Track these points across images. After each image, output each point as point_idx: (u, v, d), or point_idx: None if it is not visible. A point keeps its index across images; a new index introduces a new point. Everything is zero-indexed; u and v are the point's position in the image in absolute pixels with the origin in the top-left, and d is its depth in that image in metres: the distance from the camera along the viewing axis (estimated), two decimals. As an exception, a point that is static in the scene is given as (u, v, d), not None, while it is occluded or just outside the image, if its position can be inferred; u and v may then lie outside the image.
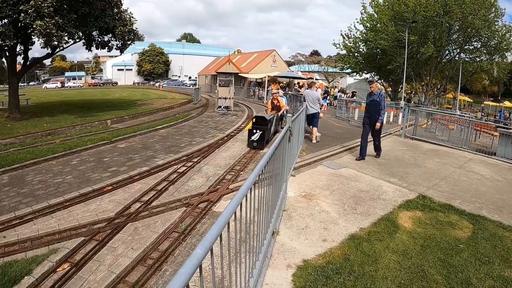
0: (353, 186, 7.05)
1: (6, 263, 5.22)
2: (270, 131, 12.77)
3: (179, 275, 1.45)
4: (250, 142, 11.69)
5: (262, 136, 11.47)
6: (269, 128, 12.38)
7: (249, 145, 11.77)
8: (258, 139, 11.48)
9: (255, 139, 11.49)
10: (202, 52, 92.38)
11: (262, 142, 11.49)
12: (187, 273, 1.48)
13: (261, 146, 11.49)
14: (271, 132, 13.07)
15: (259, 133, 11.46)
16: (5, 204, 7.78)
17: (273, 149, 3.95)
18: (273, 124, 13.23)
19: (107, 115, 22.53)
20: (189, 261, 1.56)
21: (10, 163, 10.82)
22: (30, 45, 22.83)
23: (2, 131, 17.37)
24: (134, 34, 24.36)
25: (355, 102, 21.75)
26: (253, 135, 11.53)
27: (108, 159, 10.98)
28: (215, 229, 1.89)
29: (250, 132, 11.68)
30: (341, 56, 33.82)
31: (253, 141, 11.55)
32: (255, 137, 11.49)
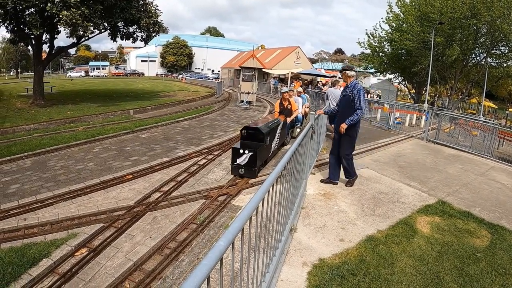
0: (373, 187, 6.98)
1: (26, 245, 5.36)
2: (270, 149, 9.14)
3: (201, 266, 1.46)
4: (234, 167, 8.02)
5: (253, 159, 7.73)
6: (267, 146, 8.67)
7: (233, 172, 8.17)
8: (247, 164, 7.78)
9: (241, 163, 7.79)
10: (226, 46, 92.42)
11: (253, 168, 7.82)
12: (209, 265, 1.49)
13: (251, 174, 7.87)
14: (273, 149, 9.41)
15: (248, 155, 7.69)
16: (27, 187, 7.98)
17: (295, 146, 3.95)
18: (276, 137, 9.57)
19: (129, 105, 22.83)
20: (211, 253, 1.57)
21: (33, 148, 11.08)
22: (56, 34, 23.32)
23: (26, 117, 17.79)
24: (159, 26, 24.58)
25: (378, 103, 21.50)
26: (239, 156, 7.82)
27: (130, 148, 11.14)
28: (238, 222, 1.90)
29: (235, 152, 7.96)
30: (365, 55, 33.41)
31: (238, 166, 7.89)
32: (242, 160, 7.79)
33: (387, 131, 15.80)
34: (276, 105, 11.69)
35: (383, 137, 13.71)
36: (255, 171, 7.88)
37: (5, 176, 8.85)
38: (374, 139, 12.81)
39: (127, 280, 4.53)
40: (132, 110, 20.81)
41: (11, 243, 5.51)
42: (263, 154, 8.38)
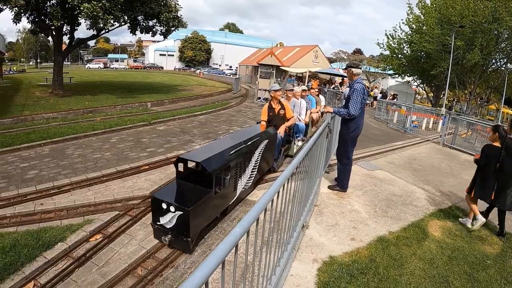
0: (386, 189, 6.97)
1: (42, 229, 5.51)
2: (230, 196, 5.77)
3: (217, 251, 1.51)
4: (156, 229, 4.92)
5: (184, 224, 4.58)
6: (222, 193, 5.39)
7: (155, 236, 5.06)
8: (175, 228, 4.70)
9: (166, 225, 4.74)
10: (244, 42, 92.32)
11: (185, 239, 4.65)
12: (225, 249, 1.55)
13: (183, 247, 4.84)
14: (239, 192, 6.08)
15: (176, 216, 4.62)
16: (45, 174, 8.17)
17: (310, 144, 3.99)
18: (249, 168, 6.39)
19: (147, 97, 23.09)
20: (227, 238, 1.62)
21: (51, 136, 11.32)
22: (76, 26, 23.65)
23: (45, 105, 18.13)
24: (178, 21, 24.73)
25: (395, 105, 21.33)
26: (162, 214, 4.75)
27: (147, 140, 11.30)
28: (254, 212, 1.96)
29: (156, 205, 4.84)
30: (384, 56, 33.10)
31: (162, 229, 4.80)
32: (166, 221, 4.72)
33: (403, 134, 15.68)
34: (263, 111, 8.11)
35: (399, 140, 13.62)
36: (189, 243, 4.67)
37: (24, 162, 9.08)
38: (389, 141, 12.74)
39: (139, 266, 4.63)
40: (150, 102, 21.05)
41: (27, 227, 5.68)
42: (208, 212, 5.07)
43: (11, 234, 5.41)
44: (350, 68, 6.01)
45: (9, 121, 14.41)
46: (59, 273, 4.56)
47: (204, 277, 1.35)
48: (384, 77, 50.29)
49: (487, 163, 5.29)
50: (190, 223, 4.57)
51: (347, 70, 6.14)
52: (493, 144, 5.36)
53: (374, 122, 19.57)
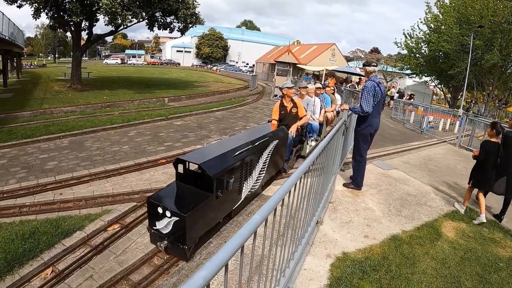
0: (401, 188, 6.96)
1: (61, 218, 5.69)
2: (234, 200, 5.48)
3: (237, 236, 1.57)
4: (153, 233, 4.66)
5: (180, 230, 4.34)
6: (224, 197, 5.03)
7: (152, 240, 4.78)
8: (172, 235, 4.44)
9: (163, 231, 4.48)
10: (261, 40, 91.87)
11: (182, 246, 4.37)
12: (244, 234, 1.61)
13: (181, 254, 4.55)
14: (245, 195, 5.74)
15: (172, 222, 4.38)
16: (64, 165, 8.37)
17: (326, 141, 4.01)
18: (256, 170, 6.03)
19: (164, 93, 23.28)
20: (247, 224, 1.69)
21: (70, 128, 11.57)
22: (95, 22, 24.00)
23: (63, 99, 18.45)
24: (196, 18, 24.85)
25: (412, 105, 21.13)
26: (159, 218, 4.51)
27: (164, 134, 11.47)
28: (272, 201, 2.02)
29: (152, 209, 4.59)
30: (402, 56, 32.64)
31: (159, 234, 4.54)
32: (162, 226, 4.49)
33: (420, 135, 15.54)
34: (275, 109, 7.78)
35: (415, 140, 13.52)
36: (186, 251, 4.40)
37: (43, 153, 9.30)
38: (405, 141, 12.67)
39: (156, 256, 4.75)
40: (167, 98, 21.26)
41: (46, 215, 5.86)
42: (208, 217, 4.75)
43: (31, 222, 5.60)
44: (364, 67, 6.19)
45: (28, 114, 14.74)
46: (77, 260, 4.71)
47: (224, 260, 1.41)
48: (401, 77, 49.63)
49: (485, 157, 5.70)
50: (187, 230, 4.28)
51: (365, 68, 6.22)
52: (490, 140, 5.80)
53: (391, 122, 19.43)
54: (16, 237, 5.17)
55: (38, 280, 4.56)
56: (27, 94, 20.29)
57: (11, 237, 5.17)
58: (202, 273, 1.28)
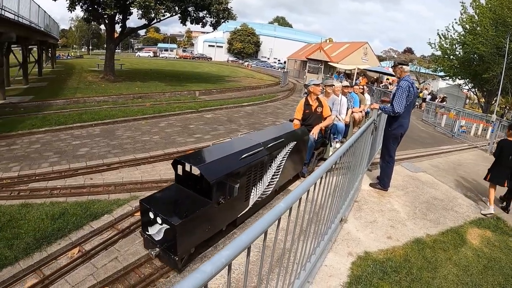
0: (428, 192, 6.84)
1: (90, 201, 5.92)
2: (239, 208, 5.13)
3: (262, 220, 1.62)
4: (146, 238, 4.42)
5: (172, 239, 4.01)
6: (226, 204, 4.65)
7: (145, 245, 4.61)
8: (163, 242, 4.16)
9: (155, 238, 4.23)
10: (293, 36, 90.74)
11: (172, 256, 4.08)
12: (268, 219, 1.66)
13: (172, 263, 4.28)
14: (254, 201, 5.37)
15: (164, 229, 4.09)
16: (95, 151, 8.66)
17: (354, 139, 3.96)
18: (268, 175, 5.61)
19: (196, 86, 23.64)
20: (272, 211, 1.73)
21: (102, 117, 11.93)
22: (128, 16, 24.46)
23: (96, 90, 19.01)
24: (228, 13, 24.99)
25: (444, 108, 20.64)
26: (151, 223, 4.24)
27: (194, 126, 11.68)
28: (297, 192, 2.05)
29: (143, 212, 4.36)
30: (435, 57, 31.75)
31: (151, 240, 4.29)
32: (154, 232, 4.23)
33: (450, 139, 15.21)
34: (298, 108, 7.30)
35: (446, 144, 13.25)
36: (177, 262, 4.15)
37: (75, 140, 9.64)
38: (435, 145, 12.44)
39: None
40: (198, 91, 21.58)
41: (76, 198, 6.12)
42: (205, 226, 4.43)
43: (61, 204, 5.85)
44: (399, 65, 5.95)
45: (62, 102, 15.28)
46: (103, 242, 4.89)
47: (247, 243, 1.46)
48: (434, 79, 48.40)
49: (500, 154, 6.07)
50: (178, 240, 3.94)
51: (395, 68, 6.05)
52: (508, 139, 6.14)
53: (422, 124, 19.07)
54: (46, 217, 5.43)
55: (64, 258, 4.78)
56: (61, 83, 20.99)
57: (41, 216, 5.44)
58: (225, 252, 1.32)
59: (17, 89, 19.34)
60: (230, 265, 1.40)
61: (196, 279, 1.15)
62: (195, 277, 1.15)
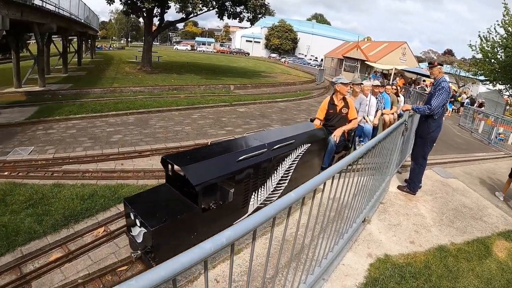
0: (458, 199, 6.65)
1: (119, 185, 6.17)
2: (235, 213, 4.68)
3: (270, 207, 1.67)
4: (130, 238, 4.19)
5: (149, 244, 3.81)
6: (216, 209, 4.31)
7: (131, 245, 4.30)
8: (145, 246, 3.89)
9: (137, 240, 3.99)
10: (331, 34, 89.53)
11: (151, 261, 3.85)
12: (276, 207, 1.71)
13: (149, 266, 3.90)
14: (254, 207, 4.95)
15: (143, 232, 3.84)
16: (128, 139, 8.95)
17: (375, 141, 3.83)
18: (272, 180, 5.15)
19: (231, 80, 23.89)
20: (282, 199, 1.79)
21: (137, 107, 12.29)
22: (166, 9, 25.03)
23: (133, 80, 19.54)
24: (265, 9, 25.07)
25: (482, 113, 19.94)
26: (133, 224, 4.03)
27: (226, 119, 11.86)
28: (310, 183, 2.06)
29: (126, 212, 4.18)
30: (476, 60, 30.43)
31: (134, 241, 4.05)
32: (136, 233, 3.99)
33: (487, 146, 14.73)
34: (322, 107, 6.80)
35: (481, 151, 12.85)
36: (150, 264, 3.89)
37: (110, 127, 9.99)
38: (470, 151, 12.09)
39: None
40: (233, 85, 21.81)
41: (106, 181, 6.39)
42: (190, 233, 4.10)
43: (91, 186, 6.13)
44: (440, 66, 5.78)
45: (99, 91, 15.84)
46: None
47: (249, 227, 1.49)
48: (474, 83, 46.59)
49: None
50: (154, 245, 3.68)
51: (434, 68, 5.81)
52: None
53: (458, 129, 18.53)
54: (76, 197, 5.73)
55: (90, 236, 5.04)
56: (99, 73, 21.71)
57: (72, 196, 5.74)
58: (227, 233, 1.36)
59: (57, 77, 20.24)
60: (233, 245, 1.45)
61: (195, 254, 1.20)
62: (194, 251, 1.20)
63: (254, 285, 3.32)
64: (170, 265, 1.13)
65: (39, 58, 17.32)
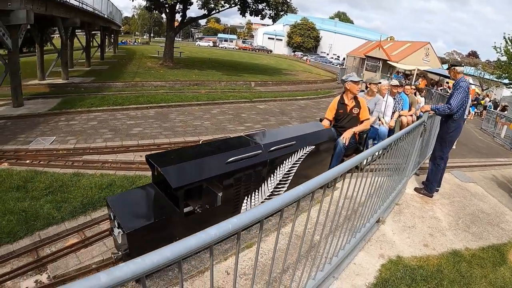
0: (475, 204, 6.53)
1: (137, 176, 6.32)
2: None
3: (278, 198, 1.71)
4: (114, 238, 4.00)
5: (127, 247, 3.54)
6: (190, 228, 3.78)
7: (115, 245, 4.18)
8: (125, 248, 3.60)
9: (118, 240, 3.73)
10: (354, 33, 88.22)
11: None
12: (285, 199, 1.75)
13: None
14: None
15: (121, 233, 3.57)
16: (147, 132, 9.12)
17: (389, 141, 3.74)
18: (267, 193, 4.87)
19: (252, 77, 24.00)
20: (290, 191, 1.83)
21: (157, 101, 12.49)
22: (189, 6, 25.22)
23: (155, 75, 19.82)
24: (288, 6, 25.08)
25: (505, 117, 19.46)
26: (114, 225, 3.81)
27: (246, 116, 11.95)
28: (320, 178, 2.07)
29: (108, 212, 4.04)
30: (501, 62, 29.52)
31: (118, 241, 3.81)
32: (117, 234, 3.70)
33: (508, 151, 14.35)
34: (331, 106, 6.38)
35: (502, 156, 12.54)
36: None
37: (130, 120, 10.18)
38: (491, 156, 11.82)
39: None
40: (254, 82, 21.93)
41: (125, 172, 6.57)
42: (170, 238, 3.71)
43: (110, 176, 6.31)
44: (454, 67, 5.70)
45: (121, 85, 16.17)
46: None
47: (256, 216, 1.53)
48: (498, 86, 45.32)
49: None
50: (130, 249, 3.50)
51: (450, 70, 5.80)
52: None
53: (479, 133, 18.13)
54: (95, 186, 5.90)
55: (106, 224, 5.17)
56: (121, 68, 22.10)
57: (90, 185, 5.92)
58: (233, 220, 1.40)
59: (80, 70, 20.76)
60: (239, 234, 1.50)
61: (200, 238, 1.23)
62: (200, 236, 1.24)
63: (264, 278, 3.37)
64: (176, 247, 1.20)
65: (63, 51, 17.81)
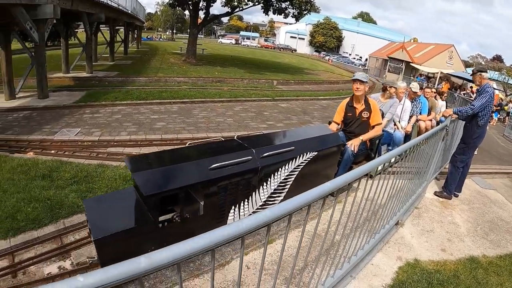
0: (495, 211, 6.47)
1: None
2: None
3: (305, 194, 1.78)
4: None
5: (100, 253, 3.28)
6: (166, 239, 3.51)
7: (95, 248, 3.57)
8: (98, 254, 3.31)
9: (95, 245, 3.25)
10: (377, 34, 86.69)
11: None
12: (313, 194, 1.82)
13: None
14: None
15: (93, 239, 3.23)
16: (171, 127, 9.32)
17: (409, 145, 3.77)
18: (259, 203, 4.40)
19: (274, 76, 24.10)
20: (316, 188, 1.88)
21: (181, 97, 12.73)
22: (212, 3, 25.55)
23: (178, 71, 20.10)
24: (311, 5, 25.12)
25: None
26: None
27: (268, 114, 12.06)
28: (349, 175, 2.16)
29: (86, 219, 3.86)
30: (526, 67, 28.75)
31: None
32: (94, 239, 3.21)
33: (533, 159, 14.07)
34: (339, 109, 5.99)
35: (526, 164, 12.29)
36: None
37: (154, 114, 10.40)
38: (514, 163, 11.60)
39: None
40: (276, 81, 22.05)
41: (149, 165, 6.74)
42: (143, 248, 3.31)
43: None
44: (480, 73, 5.59)
45: (144, 80, 16.48)
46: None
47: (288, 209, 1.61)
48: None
49: None
50: (100, 256, 3.28)
51: (475, 75, 5.66)
52: None
53: (502, 140, 17.78)
54: (119, 177, 6.12)
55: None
56: (144, 63, 22.47)
57: (115, 177, 6.14)
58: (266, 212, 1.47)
59: (104, 65, 21.25)
60: (269, 226, 1.57)
61: (231, 229, 1.29)
62: (231, 227, 1.29)
63: (283, 274, 3.47)
64: (208, 236, 1.21)
65: (87, 46, 18.28)
